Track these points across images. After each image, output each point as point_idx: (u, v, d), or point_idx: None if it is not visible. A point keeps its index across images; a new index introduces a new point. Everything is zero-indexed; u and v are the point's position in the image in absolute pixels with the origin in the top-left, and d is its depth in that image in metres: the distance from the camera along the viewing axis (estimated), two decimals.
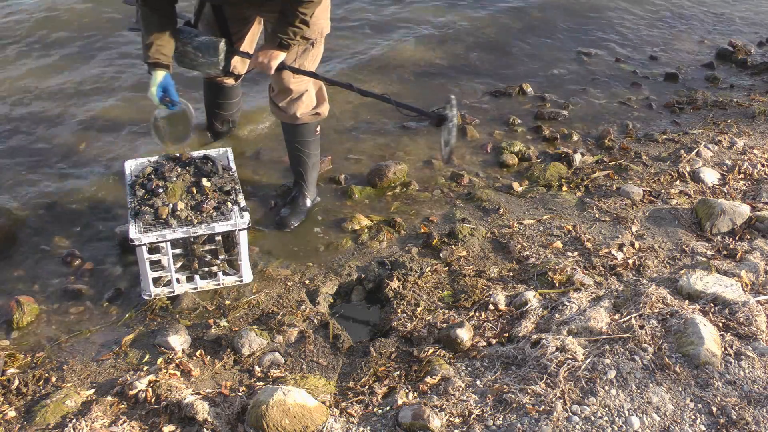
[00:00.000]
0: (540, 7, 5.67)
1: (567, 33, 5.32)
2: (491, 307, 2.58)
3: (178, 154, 2.77)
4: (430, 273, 2.78)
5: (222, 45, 2.69)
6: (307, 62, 2.85)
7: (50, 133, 3.65)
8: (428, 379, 2.24)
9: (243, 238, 2.55)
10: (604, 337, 2.35)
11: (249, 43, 3.04)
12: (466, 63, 4.73)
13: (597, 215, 3.19)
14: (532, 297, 2.59)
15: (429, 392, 2.20)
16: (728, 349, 2.31)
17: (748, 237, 3.00)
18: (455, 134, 2.68)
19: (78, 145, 3.56)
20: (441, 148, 2.74)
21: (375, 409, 2.15)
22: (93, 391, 2.22)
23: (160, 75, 2.63)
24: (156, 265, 2.55)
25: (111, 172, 3.34)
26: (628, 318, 2.43)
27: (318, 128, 3.08)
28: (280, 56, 2.68)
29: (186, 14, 2.90)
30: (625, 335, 2.35)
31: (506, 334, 2.45)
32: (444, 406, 2.12)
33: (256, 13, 2.90)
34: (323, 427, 2.05)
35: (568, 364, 2.22)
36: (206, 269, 2.62)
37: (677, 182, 3.47)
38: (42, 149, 3.52)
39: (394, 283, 2.71)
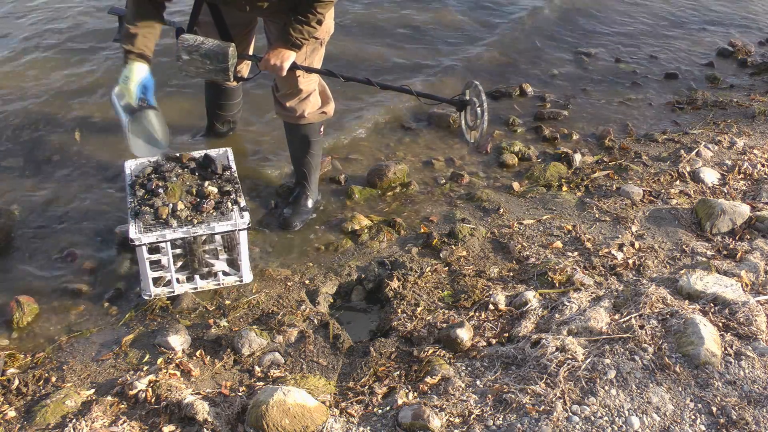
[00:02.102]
0: (540, 8, 5.67)
1: (567, 33, 5.32)
2: (491, 307, 2.58)
3: (178, 155, 2.77)
4: (430, 273, 2.78)
5: (231, 51, 2.61)
6: (316, 62, 2.84)
7: (50, 132, 3.64)
8: (428, 379, 2.24)
9: (243, 238, 2.55)
10: (604, 337, 2.35)
11: (251, 47, 3.04)
12: (465, 63, 4.73)
13: (597, 215, 3.20)
14: (532, 297, 2.59)
15: (429, 392, 2.20)
16: (728, 349, 2.31)
17: (748, 237, 3.00)
18: (486, 118, 2.63)
19: (78, 145, 3.56)
20: (464, 131, 2.72)
21: (375, 409, 2.15)
22: (93, 391, 2.22)
23: (142, 70, 2.41)
24: (156, 265, 2.55)
25: (111, 171, 3.34)
26: (628, 318, 2.43)
27: (322, 128, 3.08)
28: (292, 57, 2.63)
29: (174, 20, 2.83)
30: (625, 335, 2.35)
31: (506, 334, 2.45)
32: (444, 406, 2.12)
33: (260, 16, 2.87)
34: (323, 427, 2.05)
35: (568, 364, 2.22)
36: (206, 269, 2.62)
37: (677, 182, 3.47)
38: (42, 149, 3.52)
39: (394, 283, 2.71)
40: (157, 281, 2.59)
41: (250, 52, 3.01)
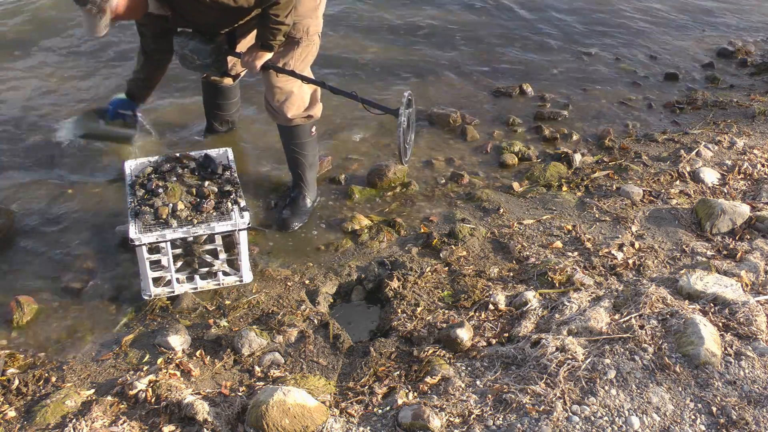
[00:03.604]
0: (540, 7, 5.67)
1: (567, 32, 5.32)
2: (491, 307, 2.58)
3: (178, 155, 2.77)
4: (430, 273, 2.78)
5: (211, 48, 2.75)
6: (293, 61, 2.86)
7: (50, 132, 3.64)
8: (428, 379, 2.24)
9: (243, 238, 2.55)
10: (604, 337, 2.35)
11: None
12: (465, 63, 4.73)
13: (597, 215, 3.19)
14: (532, 297, 2.59)
15: (429, 392, 2.20)
16: (728, 349, 2.31)
17: (748, 237, 3.00)
18: (404, 131, 2.72)
19: (78, 145, 3.55)
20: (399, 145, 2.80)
21: (375, 409, 2.15)
22: (93, 391, 2.22)
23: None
24: (156, 265, 2.55)
25: (111, 172, 3.34)
26: (628, 318, 2.43)
27: (313, 129, 3.08)
28: (265, 56, 2.75)
29: None
30: (625, 335, 2.35)
31: (506, 334, 2.45)
32: (444, 406, 2.12)
33: (215, 30, 2.88)
34: (323, 427, 2.05)
35: (568, 364, 2.22)
36: (206, 269, 2.62)
37: (677, 182, 3.47)
38: (42, 149, 3.52)
39: (394, 283, 2.71)
40: (157, 281, 2.59)
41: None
